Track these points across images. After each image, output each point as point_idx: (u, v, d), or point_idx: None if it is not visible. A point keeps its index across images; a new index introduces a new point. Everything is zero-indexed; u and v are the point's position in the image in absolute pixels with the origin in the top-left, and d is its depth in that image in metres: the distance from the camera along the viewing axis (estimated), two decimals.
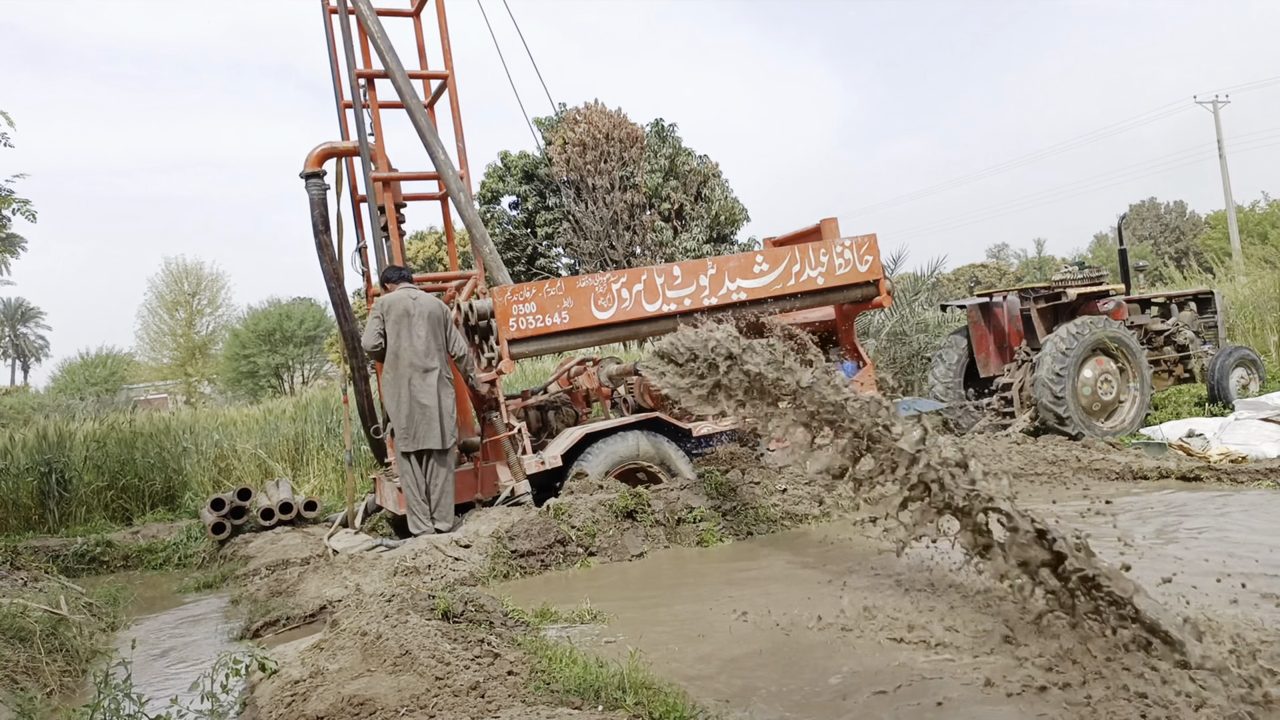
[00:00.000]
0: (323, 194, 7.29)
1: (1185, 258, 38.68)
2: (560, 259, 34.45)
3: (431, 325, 6.40)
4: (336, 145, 7.52)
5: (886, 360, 12.87)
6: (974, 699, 3.11)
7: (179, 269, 42.21)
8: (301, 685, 3.42)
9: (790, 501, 6.48)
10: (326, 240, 7.30)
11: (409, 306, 6.38)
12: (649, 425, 7.00)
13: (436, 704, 3.17)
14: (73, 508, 10.43)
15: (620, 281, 7.01)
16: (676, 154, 33.11)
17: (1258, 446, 6.89)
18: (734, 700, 3.35)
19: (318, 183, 7.27)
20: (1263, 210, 41.93)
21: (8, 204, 8.59)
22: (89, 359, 45.60)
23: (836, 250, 7.77)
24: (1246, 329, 12.72)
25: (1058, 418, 8.41)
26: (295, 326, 41.62)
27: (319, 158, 7.36)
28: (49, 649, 4.65)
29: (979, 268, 42.26)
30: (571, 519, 6.01)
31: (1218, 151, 34.16)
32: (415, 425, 6.30)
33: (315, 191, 7.25)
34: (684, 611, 4.61)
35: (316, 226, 7.24)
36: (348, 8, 7.46)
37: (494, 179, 34.85)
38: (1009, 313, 9.70)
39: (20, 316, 66.08)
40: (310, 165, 7.27)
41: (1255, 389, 9.37)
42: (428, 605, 4.06)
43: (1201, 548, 4.72)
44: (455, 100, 7.87)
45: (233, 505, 8.26)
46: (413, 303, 6.40)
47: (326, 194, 7.36)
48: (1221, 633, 3.20)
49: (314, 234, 7.27)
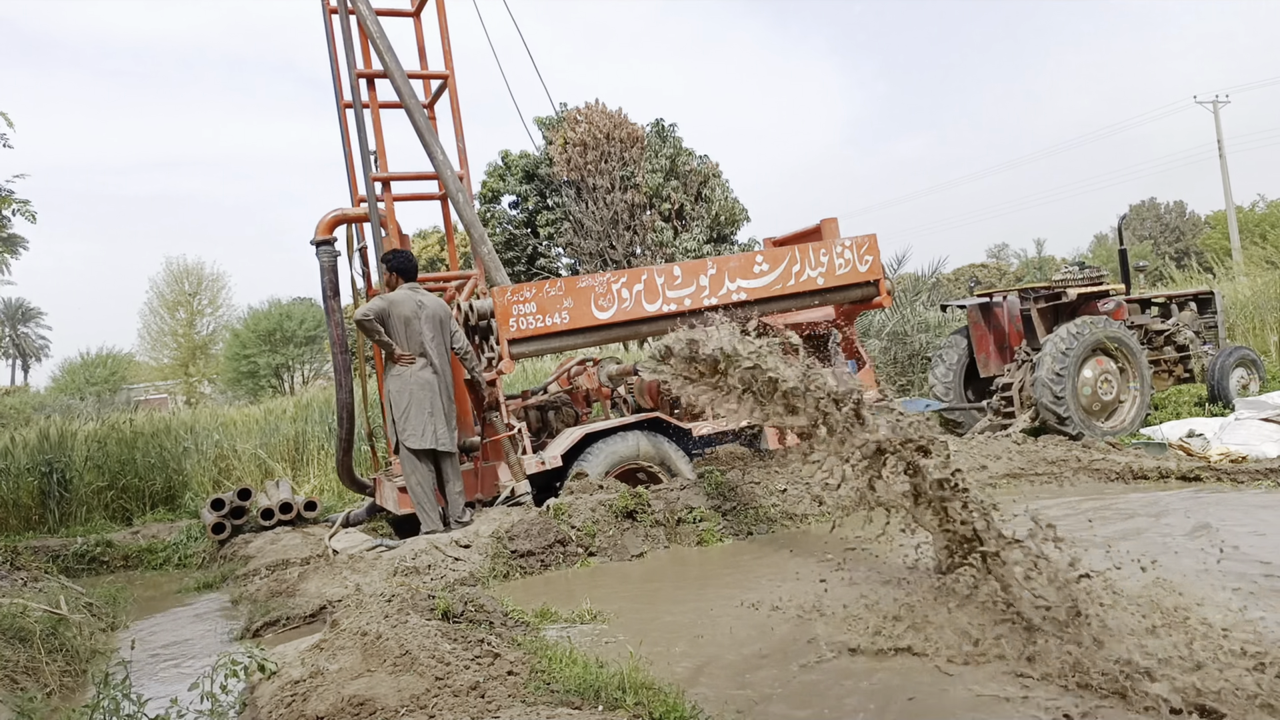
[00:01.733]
0: (333, 261, 7.39)
1: (1186, 257, 38.67)
2: (560, 259, 34.45)
3: (436, 328, 6.45)
4: (346, 212, 7.60)
5: (887, 360, 12.88)
6: (980, 700, 3.12)
7: (180, 269, 42.30)
8: (301, 685, 3.42)
9: (790, 501, 6.48)
10: (335, 305, 7.41)
11: (414, 311, 6.39)
12: (649, 425, 7.01)
13: (436, 704, 3.17)
14: (73, 508, 10.43)
15: (620, 281, 7.01)
16: (677, 154, 33.12)
17: (1258, 446, 6.89)
18: (734, 700, 3.36)
19: (328, 250, 7.38)
20: (1262, 211, 41.91)
21: (8, 204, 8.59)
22: (89, 359, 45.59)
23: (836, 250, 7.77)
24: (1246, 329, 12.72)
25: (1058, 418, 8.41)
26: (295, 326, 41.61)
27: (329, 225, 7.45)
28: (49, 649, 4.65)
29: (979, 268, 42.26)
30: (571, 519, 6.01)
31: (1218, 151, 34.17)
32: (428, 424, 6.31)
33: (326, 259, 7.35)
34: (684, 612, 4.61)
35: (326, 292, 7.36)
36: (348, 8, 7.46)
37: (494, 179, 34.85)
38: (1009, 313, 9.70)
39: (20, 316, 66.09)
40: (320, 233, 7.37)
41: (1255, 389, 9.36)
42: (428, 605, 4.06)
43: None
44: (455, 100, 7.87)
45: (233, 505, 8.25)
46: (418, 307, 6.42)
47: (336, 260, 7.45)
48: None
49: (323, 299, 7.41)
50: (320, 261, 7.29)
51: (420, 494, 6.37)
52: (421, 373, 6.35)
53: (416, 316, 6.38)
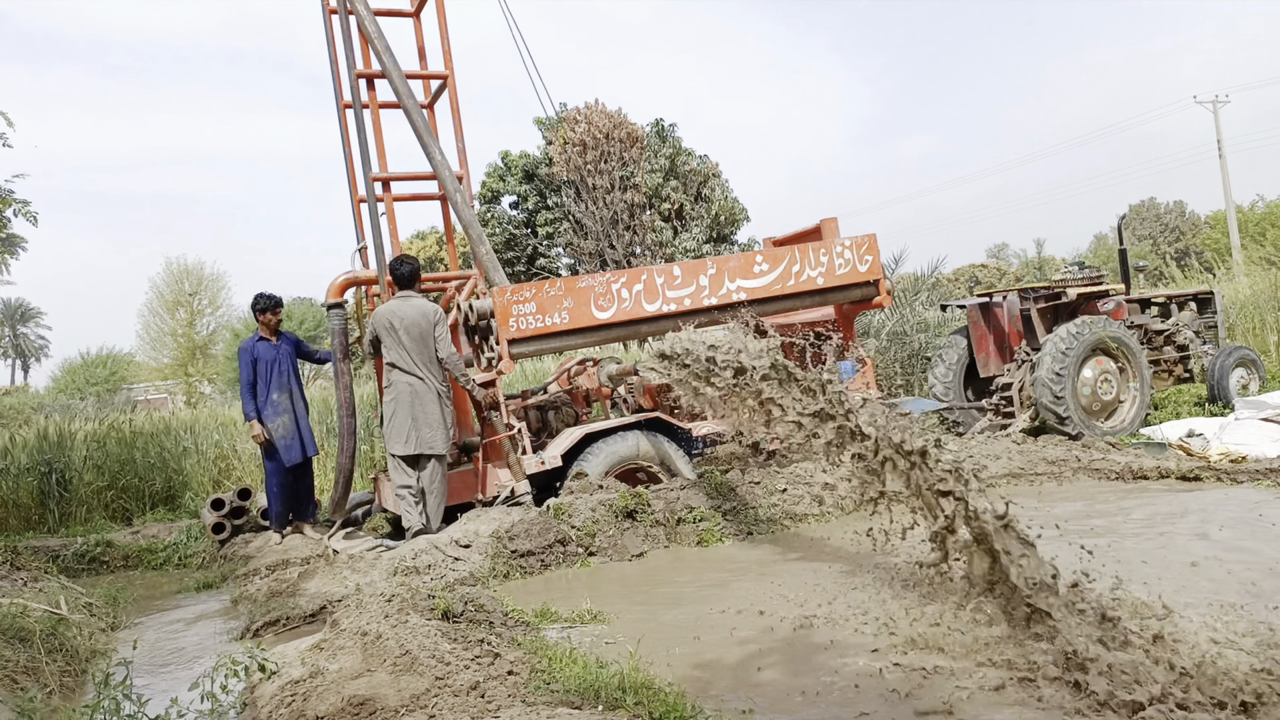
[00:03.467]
0: (344, 324, 7.45)
1: (1186, 257, 38.69)
2: (560, 259, 34.46)
3: (414, 336, 6.49)
4: (357, 275, 7.65)
5: (887, 360, 12.88)
6: (982, 701, 3.12)
7: (179, 269, 42.24)
8: (301, 685, 3.42)
9: (790, 501, 6.48)
10: (345, 368, 7.47)
11: (393, 321, 6.50)
12: (649, 425, 7.01)
13: (436, 704, 3.17)
14: (73, 508, 10.42)
15: (620, 281, 7.01)
16: (676, 154, 33.12)
17: (1258, 446, 6.89)
18: (734, 701, 3.36)
19: (339, 313, 7.43)
20: (1262, 211, 41.92)
21: (8, 205, 8.58)
22: (89, 359, 45.59)
23: (836, 250, 7.77)
24: (1246, 329, 12.72)
25: (1058, 418, 8.41)
26: (295, 327, 41.59)
27: (340, 288, 7.50)
28: (49, 649, 4.65)
29: (979, 268, 42.27)
30: (571, 519, 6.01)
31: (1218, 151, 34.18)
32: (410, 431, 6.44)
33: (337, 322, 7.41)
34: (684, 611, 4.61)
35: (336, 355, 7.42)
36: (347, 8, 7.46)
37: (494, 179, 34.87)
38: (1009, 313, 9.70)
39: (20, 316, 66.12)
40: (332, 296, 7.44)
41: (1255, 389, 9.36)
42: (428, 605, 4.06)
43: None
44: (455, 100, 7.87)
45: (233, 505, 8.25)
46: (397, 319, 6.50)
47: (347, 323, 7.52)
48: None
49: (332, 362, 7.47)
50: (332, 325, 7.39)
51: (400, 492, 6.54)
52: (403, 380, 6.46)
53: (395, 329, 6.48)
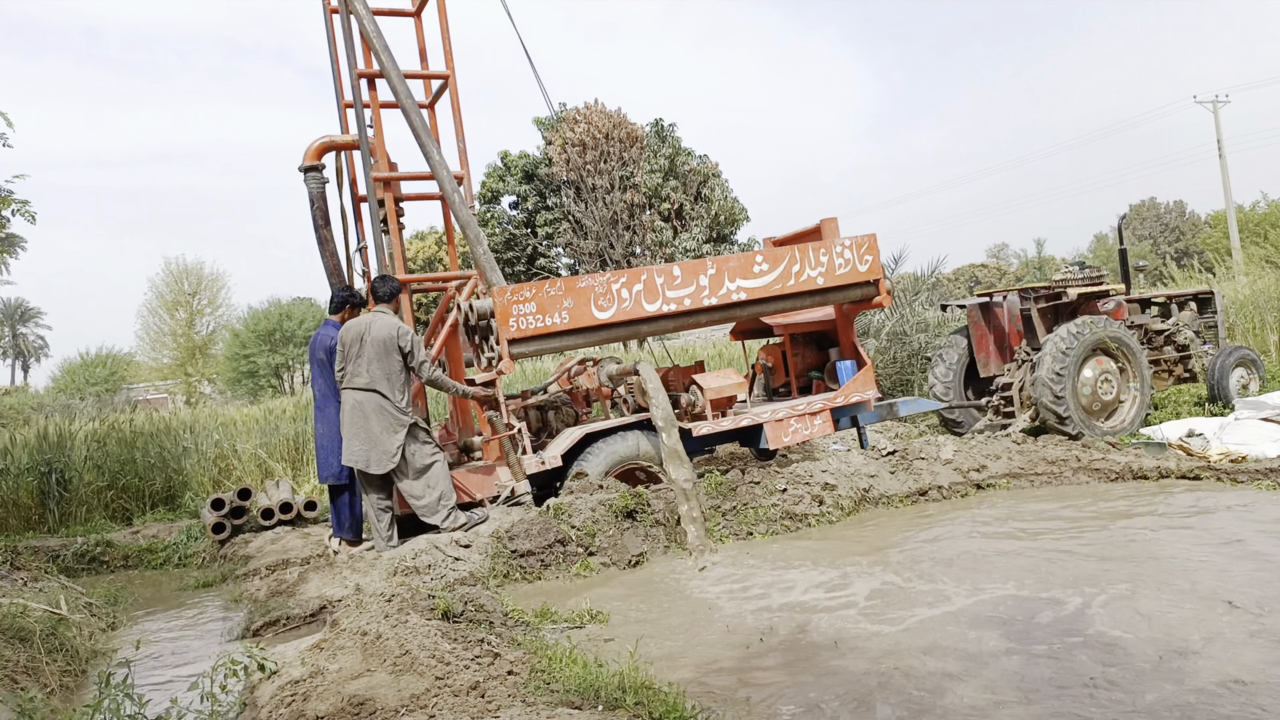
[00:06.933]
0: (322, 188, 7.20)
1: (1186, 257, 38.68)
2: (560, 259, 34.47)
3: (378, 350, 6.26)
4: (335, 139, 7.46)
5: (887, 360, 12.88)
6: (980, 702, 3.12)
7: (179, 269, 42.32)
8: (301, 685, 3.42)
9: (790, 501, 6.48)
10: (327, 235, 7.22)
11: (363, 334, 6.29)
12: (649, 425, 7.00)
13: (436, 704, 3.16)
14: (73, 508, 10.42)
15: (620, 281, 7.00)
16: (676, 154, 33.14)
17: (1258, 446, 6.89)
18: (734, 701, 3.36)
19: (316, 176, 7.19)
20: (1263, 210, 41.90)
21: (7, 204, 8.58)
22: (89, 359, 45.61)
23: (836, 250, 7.77)
24: (1246, 329, 12.73)
25: (1058, 417, 8.41)
26: (295, 326, 41.62)
27: (318, 151, 7.30)
28: (49, 649, 4.65)
29: (979, 268, 42.29)
30: (571, 519, 6.01)
31: (1218, 151, 34.18)
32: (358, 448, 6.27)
33: (314, 186, 7.15)
34: (684, 611, 4.61)
35: (316, 221, 7.15)
36: (348, 8, 7.46)
37: (494, 179, 34.88)
38: (1009, 313, 9.70)
39: (20, 316, 66.12)
40: (309, 159, 7.21)
41: (1255, 389, 9.37)
42: (428, 605, 4.06)
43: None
44: (456, 100, 7.86)
45: (233, 505, 8.25)
46: (369, 331, 6.29)
47: (325, 188, 7.28)
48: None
49: (314, 229, 7.17)
50: (309, 189, 7.04)
51: (370, 512, 6.46)
52: (350, 398, 6.29)
53: (361, 341, 6.27)
